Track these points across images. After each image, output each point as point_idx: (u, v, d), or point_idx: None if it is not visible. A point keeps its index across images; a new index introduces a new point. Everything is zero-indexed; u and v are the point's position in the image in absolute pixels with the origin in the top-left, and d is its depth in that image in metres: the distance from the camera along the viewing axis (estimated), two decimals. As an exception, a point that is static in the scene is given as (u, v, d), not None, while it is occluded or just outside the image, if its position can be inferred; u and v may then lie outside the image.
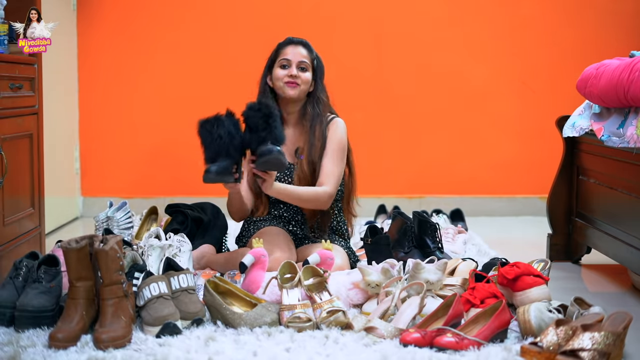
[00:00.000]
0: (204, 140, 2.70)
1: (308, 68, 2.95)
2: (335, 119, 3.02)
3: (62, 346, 2.07)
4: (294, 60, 2.95)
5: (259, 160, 2.64)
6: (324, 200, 2.89)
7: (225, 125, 2.67)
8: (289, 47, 2.98)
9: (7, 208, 2.75)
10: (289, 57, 2.96)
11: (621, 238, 2.83)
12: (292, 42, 3.00)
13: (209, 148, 2.68)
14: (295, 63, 2.95)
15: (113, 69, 4.58)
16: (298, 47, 2.98)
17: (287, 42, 3.00)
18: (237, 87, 4.61)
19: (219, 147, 2.66)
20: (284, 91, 2.96)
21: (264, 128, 2.64)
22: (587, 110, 3.13)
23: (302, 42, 3.01)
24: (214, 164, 2.67)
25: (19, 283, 2.33)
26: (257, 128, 2.64)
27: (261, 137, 2.64)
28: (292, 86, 2.94)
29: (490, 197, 4.66)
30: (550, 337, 2.02)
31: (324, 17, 4.56)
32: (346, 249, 2.99)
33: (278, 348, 2.10)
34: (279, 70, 2.96)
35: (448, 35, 4.62)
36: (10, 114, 2.80)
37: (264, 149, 2.63)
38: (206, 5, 4.57)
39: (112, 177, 4.63)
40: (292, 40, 3.01)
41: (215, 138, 2.65)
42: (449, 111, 4.64)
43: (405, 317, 2.26)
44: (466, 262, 2.80)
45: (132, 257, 2.51)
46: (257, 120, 2.64)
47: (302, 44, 2.99)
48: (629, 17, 4.59)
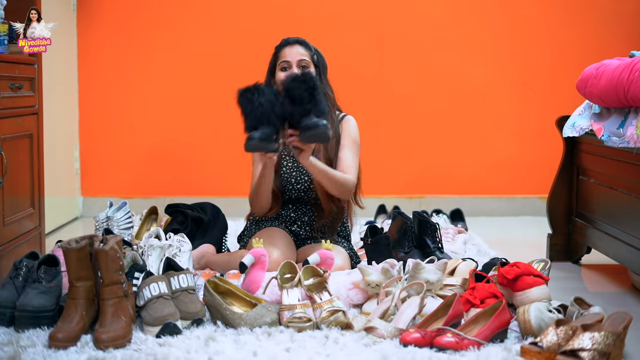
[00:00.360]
0: (245, 109, 2.61)
1: (309, 65, 2.95)
2: (347, 117, 3.05)
3: (62, 346, 2.07)
4: (293, 61, 2.95)
5: (306, 134, 2.59)
6: (349, 187, 2.88)
7: (266, 93, 2.61)
8: (286, 49, 2.98)
9: (7, 208, 2.75)
10: (287, 59, 2.96)
11: (621, 238, 2.83)
12: (288, 42, 3.00)
13: (250, 116, 2.60)
14: (295, 63, 2.95)
15: (113, 69, 4.58)
16: (295, 47, 2.98)
17: (284, 44, 3.00)
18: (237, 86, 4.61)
19: (261, 114, 2.58)
20: None
21: (308, 100, 2.59)
22: (587, 110, 3.13)
23: (298, 40, 3.00)
24: (257, 131, 2.58)
25: (19, 283, 2.33)
26: (302, 100, 2.59)
27: (306, 109, 2.59)
28: None
29: (490, 197, 4.66)
30: (550, 337, 2.02)
31: (324, 16, 4.56)
32: (348, 251, 3.00)
33: (278, 348, 2.10)
34: (281, 74, 2.96)
35: (448, 35, 4.62)
36: (10, 114, 2.80)
37: (309, 122, 2.58)
38: (206, 5, 4.57)
39: (112, 177, 4.63)
40: (288, 40, 3.00)
41: (257, 106, 2.58)
42: (449, 111, 4.65)
43: (405, 317, 2.26)
44: (466, 262, 2.80)
45: (132, 257, 2.51)
46: (302, 92, 2.59)
47: (298, 43, 2.99)
48: (629, 17, 4.60)
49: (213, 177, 4.63)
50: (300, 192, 2.98)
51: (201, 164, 4.63)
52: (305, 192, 2.98)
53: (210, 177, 4.63)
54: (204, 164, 4.62)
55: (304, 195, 2.98)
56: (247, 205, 3.05)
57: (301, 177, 2.97)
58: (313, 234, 3.02)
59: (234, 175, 4.59)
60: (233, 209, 4.30)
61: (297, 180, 2.97)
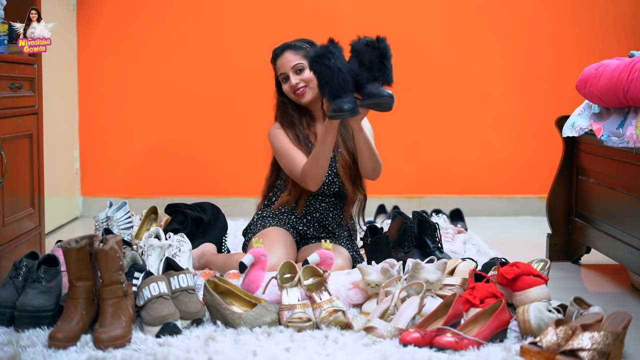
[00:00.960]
0: (324, 76, 2.57)
1: (304, 67, 2.95)
2: None
3: (62, 346, 2.07)
4: (287, 70, 2.95)
5: (370, 100, 2.57)
6: (381, 167, 2.91)
7: (339, 56, 2.58)
8: (278, 60, 2.98)
9: (7, 208, 2.76)
10: (283, 70, 2.96)
11: (621, 238, 2.83)
12: (277, 53, 2.99)
13: (331, 83, 2.55)
14: (291, 70, 2.95)
15: (113, 69, 4.58)
16: (284, 55, 2.97)
17: (274, 57, 3.00)
18: (237, 86, 4.62)
19: (343, 81, 2.55)
20: (299, 101, 2.98)
21: (378, 68, 2.57)
22: (586, 110, 3.13)
23: (285, 46, 2.99)
24: (342, 100, 2.56)
25: (19, 283, 2.33)
26: (371, 66, 2.57)
27: (374, 76, 2.58)
28: (301, 94, 2.96)
29: (490, 197, 4.67)
30: (550, 336, 2.02)
31: (324, 16, 4.56)
32: (353, 252, 3.00)
33: (278, 348, 2.10)
34: (284, 86, 2.97)
35: (448, 35, 4.62)
36: (10, 114, 2.80)
37: (375, 90, 2.56)
38: (206, 5, 4.57)
39: (112, 177, 4.63)
40: (276, 52, 3.00)
41: (336, 72, 2.55)
42: (449, 111, 4.65)
43: (405, 317, 2.26)
44: (466, 262, 2.80)
45: (132, 257, 2.51)
46: (372, 58, 2.56)
47: (286, 49, 2.98)
48: (629, 17, 4.60)
49: (213, 177, 4.63)
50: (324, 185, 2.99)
51: (201, 164, 4.63)
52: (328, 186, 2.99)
53: (210, 177, 4.63)
54: (204, 164, 4.62)
55: (326, 189, 2.99)
56: (247, 206, 3.06)
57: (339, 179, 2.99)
58: (318, 234, 3.03)
59: (234, 175, 4.59)
60: (233, 209, 4.31)
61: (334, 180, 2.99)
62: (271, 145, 3.01)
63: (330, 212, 3.03)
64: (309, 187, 2.89)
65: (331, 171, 2.99)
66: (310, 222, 3.02)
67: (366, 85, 2.58)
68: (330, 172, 2.99)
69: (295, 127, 2.98)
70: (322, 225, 3.03)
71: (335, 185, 3.01)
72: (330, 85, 2.56)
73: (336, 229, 3.05)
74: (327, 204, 3.03)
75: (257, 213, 3.10)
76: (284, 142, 2.96)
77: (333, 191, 3.01)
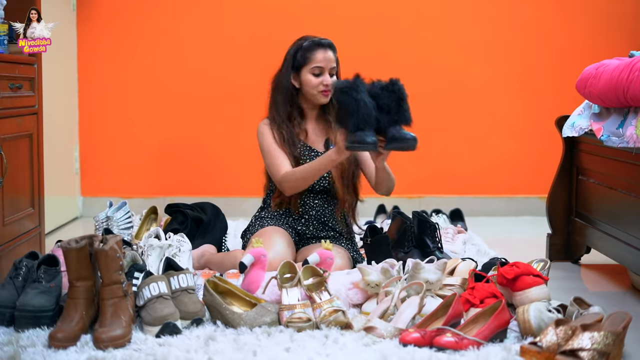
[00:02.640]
0: (350, 107, 2.61)
1: (334, 71, 2.97)
2: None
3: (62, 346, 2.07)
4: (326, 68, 2.94)
5: (393, 144, 2.66)
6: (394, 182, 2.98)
7: (364, 90, 2.65)
8: (320, 52, 2.93)
9: (7, 208, 2.76)
10: (321, 65, 2.93)
11: (621, 238, 2.83)
12: (322, 45, 2.94)
13: (356, 115, 2.61)
14: (328, 70, 2.94)
15: (113, 69, 4.59)
16: (328, 52, 2.94)
17: (317, 45, 2.94)
18: (238, 86, 4.62)
19: (368, 115, 2.61)
20: (316, 99, 2.97)
21: (396, 111, 2.65)
22: (586, 110, 3.13)
23: (330, 44, 2.96)
24: (366, 133, 2.62)
25: (19, 283, 2.33)
26: (389, 110, 2.65)
27: (393, 119, 2.65)
28: (326, 95, 2.96)
29: (490, 197, 4.67)
30: (550, 336, 2.02)
31: (323, 16, 4.56)
32: (353, 253, 3.00)
33: (278, 348, 2.10)
34: (311, 77, 2.94)
35: (448, 35, 4.62)
36: (10, 114, 2.80)
37: (398, 134, 2.65)
38: (206, 5, 4.57)
39: (112, 177, 4.63)
40: (322, 42, 2.95)
41: (362, 105, 2.61)
42: (449, 111, 4.65)
43: (405, 317, 2.26)
44: (466, 262, 2.80)
45: (132, 257, 2.52)
46: (390, 102, 2.65)
47: (330, 47, 2.96)
48: (629, 17, 4.60)
49: (213, 177, 4.63)
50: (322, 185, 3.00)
51: (201, 164, 4.63)
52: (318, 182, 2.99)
53: (211, 177, 4.63)
54: (204, 164, 4.62)
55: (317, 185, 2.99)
56: (247, 206, 3.06)
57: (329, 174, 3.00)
58: (318, 232, 3.02)
59: (234, 175, 4.59)
60: (233, 209, 4.31)
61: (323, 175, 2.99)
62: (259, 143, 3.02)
63: (326, 209, 3.02)
64: (284, 192, 2.92)
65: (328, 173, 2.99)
66: (308, 220, 3.02)
67: (389, 129, 2.66)
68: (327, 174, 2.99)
69: (284, 124, 2.97)
70: (320, 223, 3.03)
71: (324, 180, 3.00)
72: (355, 117, 2.60)
73: (336, 225, 3.05)
74: (320, 200, 3.02)
75: (255, 215, 3.10)
76: (268, 141, 2.96)
77: (324, 186, 3.00)
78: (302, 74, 2.95)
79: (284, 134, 2.96)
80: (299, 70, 2.96)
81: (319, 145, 3.04)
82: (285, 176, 2.87)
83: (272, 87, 3.03)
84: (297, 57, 2.96)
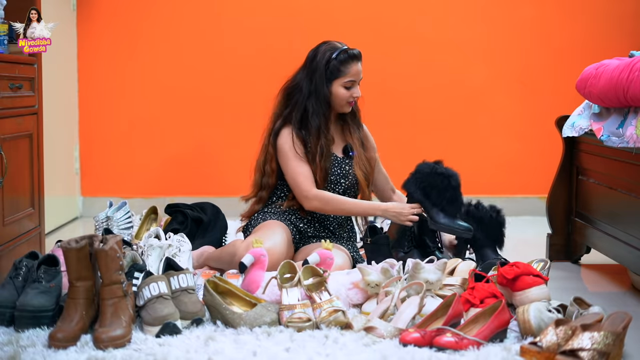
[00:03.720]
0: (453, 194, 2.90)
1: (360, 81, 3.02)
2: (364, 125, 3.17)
3: (62, 346, 2.08)
4: (357, 80, 2.97)
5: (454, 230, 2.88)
6: None
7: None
8: (353, 65, 2.95)
9: (7, 208, 2.75)
10: (355, 78, 2.95)
11: (621, 238, 2.83)
12: (355, 56, 2.96)
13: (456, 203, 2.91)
14: (358, 82, 2.97)
15: (113, 69, 4.58)
16: (359, 64, 2.97)
17: (350, 57, 2.95)
18: (238, 86, 4.62)
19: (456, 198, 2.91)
20: (342, 109, 3.01)
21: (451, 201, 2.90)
22: (586, 110, 3.13)
23: (360, 55, 2.98)
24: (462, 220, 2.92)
25: (19, 283, 2.33)
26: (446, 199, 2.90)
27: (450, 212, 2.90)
28: (351, 105, 3.01)
29: (490, 197, 4.66)
30: (550, 336, 2.02)
31: (323, 15, 4.56)
32: (353, 253, 3.00)
33: (278, 348, 2.10)
34: (343, 90, 2.95)
35: (448, 35, 4.62)
36: (10, 114, 2.80)
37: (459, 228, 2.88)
38: (206, 5, 4.57)
39: (112, 177, 4.63)
40: (354, 54, 2.96)
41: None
42: (449, 111, 4.65)
43: (405, 317, 2.26)
44: (466, 262, 2.81)
45: (132, 257, 2.52)
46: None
47: (360, 59, 2.98)
48: (629, 17, 4.60)
49: (213, 177, 4.63)
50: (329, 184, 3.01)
51: (201, 164, 4.63)
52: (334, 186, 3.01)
53: (211, 177, 4.63)
54: (204, 164, 4.62)
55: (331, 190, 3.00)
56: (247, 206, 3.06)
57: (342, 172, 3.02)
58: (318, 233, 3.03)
59: (235, 175, 4.58)
60: (233, 209, 4.29)
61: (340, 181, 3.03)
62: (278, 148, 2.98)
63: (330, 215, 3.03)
64: (304, 206, 2.94)
65: (339, 171, 3.00)
66: (311, 221, 3.02)
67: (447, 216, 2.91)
68: (339, 173, 3.00)
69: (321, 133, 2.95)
70: (322, 225, 3.03)
71: (340, 185, 3.01)
72: (457, 204, 2.89)
73: (337, 228, 3.05)
74: None
75: (259, 211, 3.08)
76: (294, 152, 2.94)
77: (337, 192, 3.01)
78: (333, 85, 2.96)
79: (321, 145, 2.95)
80: (331, 82, 2.96)
81: (337, 150, 3.06)
82: (316, 196, 2.90)
83: (301, 94, 2.98)
84: (330, 67, 2.95)
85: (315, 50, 3.01)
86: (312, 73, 2.96)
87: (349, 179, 3.02)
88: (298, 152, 2.94)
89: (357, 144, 3.07)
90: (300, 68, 3.02)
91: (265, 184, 3.03)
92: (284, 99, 3.03)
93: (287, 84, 3.03)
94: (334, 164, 3.01)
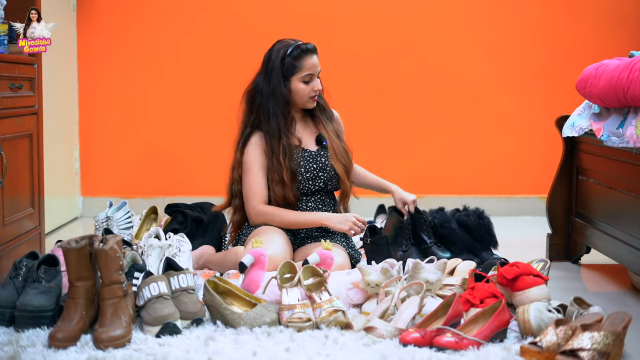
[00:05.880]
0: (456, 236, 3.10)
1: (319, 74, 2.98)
2: (334, 111, 3.13)
3: (62, 346, 2.08)
4: (315, 73, 2.94)
5: None
6: None
7: None
8: (307, 59, 2.92)
9: (7, 208, 2.75)
10: (311, 71, 2.93)
11: (621, 238, 2.83)
12: (308, 50, 2.93)
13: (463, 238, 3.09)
14: (317, 75, 2.95)
15: (113, 69, 4.59)
16: (314, 57, 2.94)
17: (304, 52, 2.92)
18: (238, 86, 4.61)
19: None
20: (305, 105, 2.98)
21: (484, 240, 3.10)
22: (586, 110, 3.13)
23: (315, 48, 2.95)
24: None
25: (19, 283, 2.33)
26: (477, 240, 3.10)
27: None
28: (315, 100, 2.98)
29: (490, 197, 4.66)
30: (550, 336, 2.02)
31: (323, 15, 4.56)
32: (349, 249, 2.99)
33: (278, 348, 2.10)
34: (302, 86, 2.93)
35: (448, 35, 4.62)
36: (10, 114, 2.80)
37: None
38: (206, 5, 4.57)
39: (112, 177, 4.63)
40: (308, 48, 2.93)
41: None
42: (449, 111, 4.65)
43: (405, 317, 2.26)
44: (466, 262, 2.81)
45: (132, 257, 2.52)
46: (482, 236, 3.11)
47: (315, 52, 2.95)
48: (629, 17, 4.60)
49: (213, 177, 4.62)
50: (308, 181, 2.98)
51: (201, 164, 4.63)
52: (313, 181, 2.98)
53: (210, 177, 4.62)
54: (204, 164, 4.62)
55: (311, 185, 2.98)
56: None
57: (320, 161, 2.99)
58: (311, 232, 3.02)
59: (234, 175, 4.58)
60: (233, 209, 4.30)
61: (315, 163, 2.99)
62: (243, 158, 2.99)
63: (320, 209, 3.01)
64: (250, 220, 2.95)
65: (316, 165, 2.97)
66: None
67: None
68: (315, 167, 2.97)
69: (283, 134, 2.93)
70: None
71: (319, 179, 2.98)
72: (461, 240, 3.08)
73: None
74: (313, 202, 3.00)
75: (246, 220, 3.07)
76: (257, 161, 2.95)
77: (318, 187, 2.99)
78: (292, 82, 2.94)
79: (283, 145, 2.92)
80: (288, 79, 2.94)
81: (310, 144, 3.02)
82: (261, 212, 2.91)
83: (262, 96, 2.96)
84: (285, 65, 2.93)
85: (270, 50, 2.99)
86: (269, 74, 2.95)
87: (327, 171, 2.98)
88: (261, 161, 2.94)
89: (332, 136, 3.02)
90: (259, 71, 3.01)
91: (236, 191, 3.04)
92: (247, 105, 3.03)
93: (248, 88, 3.02)
94: (309, 159, 2.97)
